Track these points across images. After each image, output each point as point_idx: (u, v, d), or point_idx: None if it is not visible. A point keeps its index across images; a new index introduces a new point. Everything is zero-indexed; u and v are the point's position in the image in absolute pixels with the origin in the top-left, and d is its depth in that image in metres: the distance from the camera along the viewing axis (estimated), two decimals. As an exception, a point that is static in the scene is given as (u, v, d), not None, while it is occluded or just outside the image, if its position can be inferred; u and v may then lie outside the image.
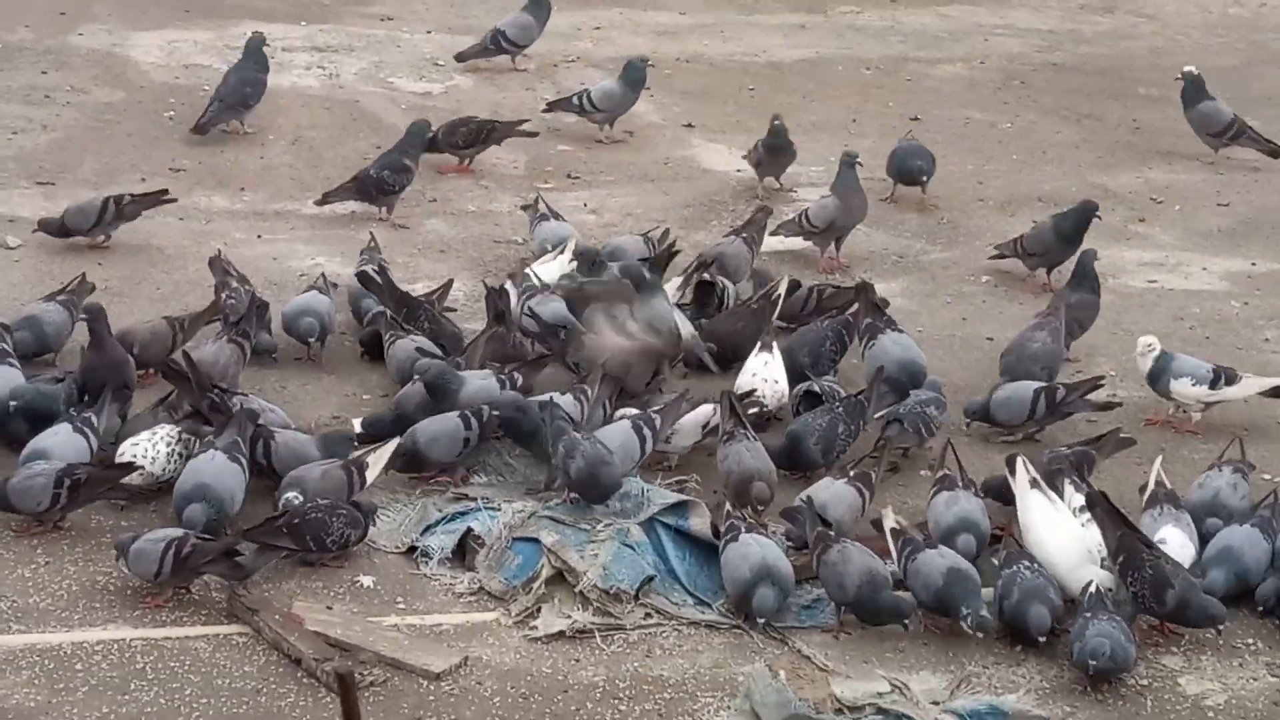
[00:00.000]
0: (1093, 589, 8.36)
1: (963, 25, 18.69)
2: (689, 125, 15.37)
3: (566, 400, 9.80)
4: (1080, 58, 17.87)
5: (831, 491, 9.21)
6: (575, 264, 11.19)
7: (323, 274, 11.40)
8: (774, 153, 13.64)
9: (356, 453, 9.33)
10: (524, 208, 12.64)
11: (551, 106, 14.92)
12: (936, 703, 8.06)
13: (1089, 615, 8.23)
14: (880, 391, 10.06)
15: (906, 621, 8.54)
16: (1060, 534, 8.86)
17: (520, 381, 10.12)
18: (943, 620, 8.56)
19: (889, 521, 8.90)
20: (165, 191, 12.44)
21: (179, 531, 8.49)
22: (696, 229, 12.97)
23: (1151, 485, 9.31)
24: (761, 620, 8.50)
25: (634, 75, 14.72)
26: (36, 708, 7.84)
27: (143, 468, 9.18)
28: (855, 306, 10.84)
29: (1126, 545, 8.57)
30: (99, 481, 9.00)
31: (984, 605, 8.45)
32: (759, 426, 9.87)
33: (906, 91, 16.60)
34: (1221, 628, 8.51)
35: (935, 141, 15.22)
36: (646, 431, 9.60)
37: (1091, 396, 10.36)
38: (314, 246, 12.52)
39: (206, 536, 8.48)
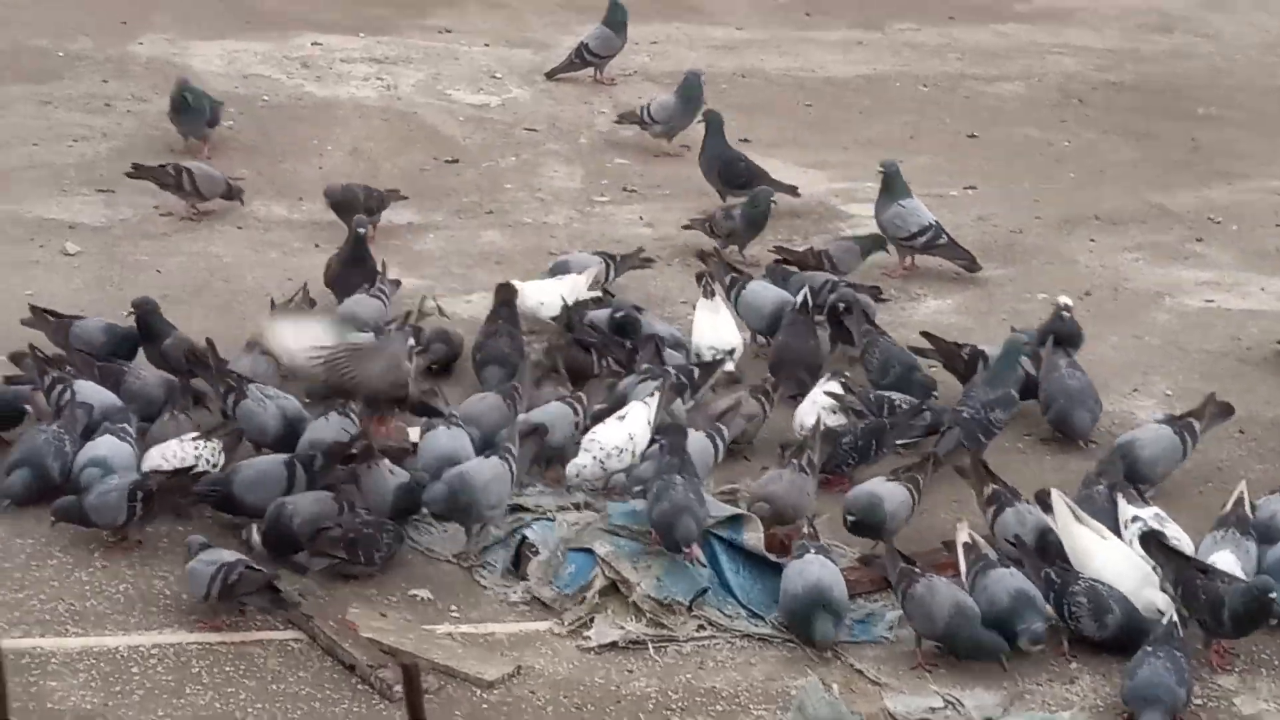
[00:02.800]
0: (1168, 620, 8.29)
1: (1020, 43, 18.64)
2: (745, 140, 15.34)
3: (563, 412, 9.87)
4: (1139, 77, 17.80)
5: (888, 488, 9.22)
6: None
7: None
8: (753, 226, 12.80)
9: None
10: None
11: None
12: (989, 719, 8.03)
13: (1150, 650, 8.14)
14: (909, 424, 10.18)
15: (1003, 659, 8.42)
16: (1115, 562, 8.83)
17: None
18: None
19: (962, 536, 8.86)
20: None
21: (232, 556, 8.50)
22: (753, 243, 12.96)
23: (1229, 506, 9.21)
24: (826, 651, 8.50)
25: (691, 89, 14.77)
26: (93, 710, 7.89)
27: (207, 470, 9.26)
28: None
29: (1184, 577, 8.55)
30: (170, 491, 9.05)
31: (1042, 623, 8.41)
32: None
33: (963, 109, 16.57)
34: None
35: (992, 159, 15.24)
36: (718, 440, 9.71)
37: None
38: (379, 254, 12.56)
39: (255, 567, 8.49)
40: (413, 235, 12.94)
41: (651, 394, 9.85)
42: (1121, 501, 9.24)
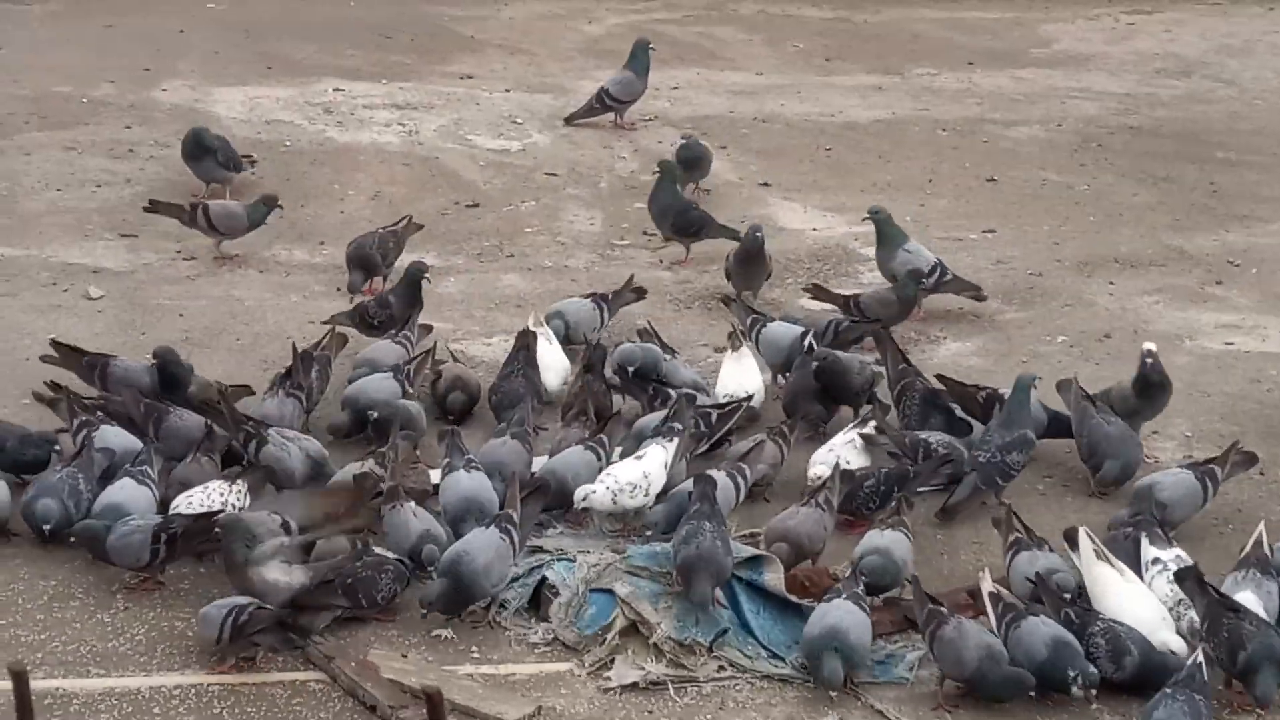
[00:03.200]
0: (1193, 662, 8.25)
1: (1039, 88, 18.70)
2: (765, 184, 15.44)
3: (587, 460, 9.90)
4: (1157, 121, 17.85)
5: (889, 539, 9.22)
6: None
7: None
8: (745, 264, 12.72)
9: None
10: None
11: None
12: (1009, 759, 8.05)
13: (1170, 692, 8.10)
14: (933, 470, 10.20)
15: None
16: (1134, 602, 8.84)
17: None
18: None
19: (987, 586, 8.86)
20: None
21: (244, 600, 8.54)
22: (773, 287, 13.00)
23: (1249, 547, 9.20)
24: (833, 691, 8.50)
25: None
26: (115, 750, 7.93)
27: (227, 508, 9.30)
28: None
29: (1211, 612, 8.56)
30: (194, 534, 9.08)
31: (1089, 666, 8.41)
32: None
33: (983, 153, 16.62)
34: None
35: (1011, 202, 15.27)
36: (739, 480, 9.78)
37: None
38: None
39: (264, 606, 8.52)
40: (434, 278, 12.94)
41: (670, 438, 9.87)
42: (1145, 542, 9.25)
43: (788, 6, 21.62)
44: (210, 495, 9.41)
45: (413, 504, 9.31)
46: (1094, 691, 8.36)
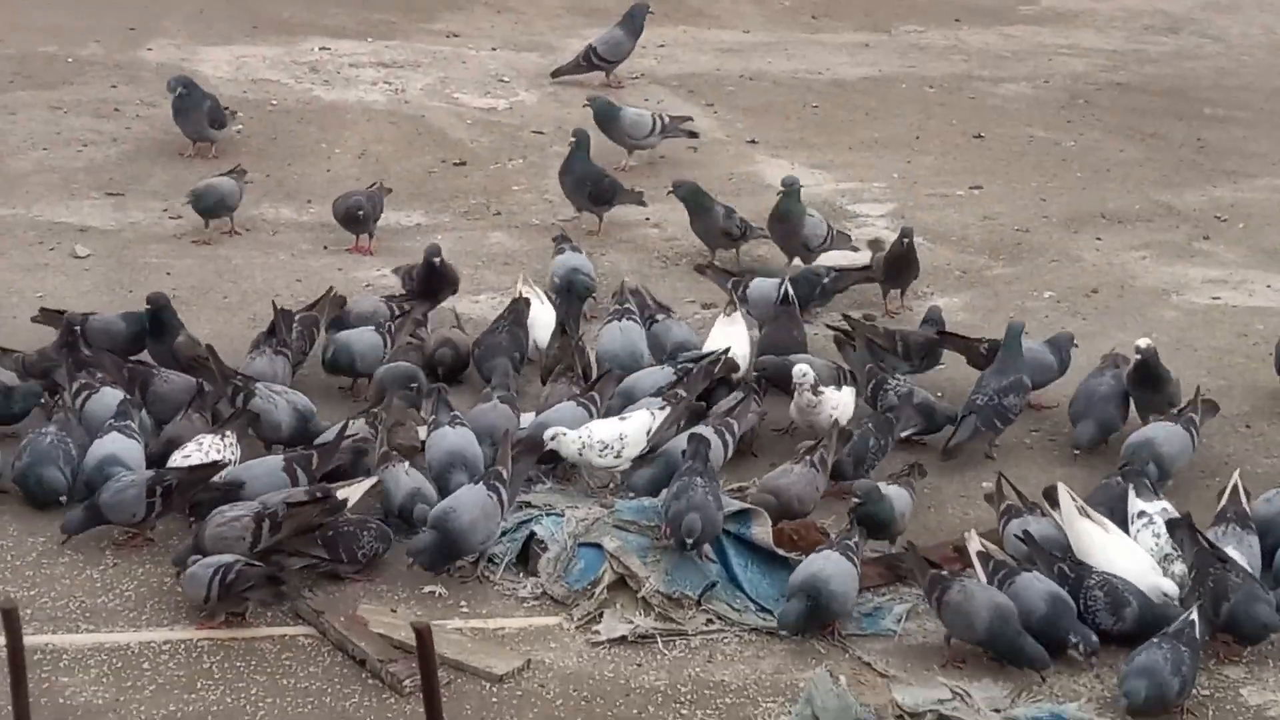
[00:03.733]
0: (1185, 618, 8.29)
1: (1026, 45, 18.67)
2: (752, 141, 15.41)
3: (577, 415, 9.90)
4: (1145, 77, 17.82)
5: (892, 491, 9.26)
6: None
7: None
8: (895, 265, 12.06)
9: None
10: (554, 239, 12.46)
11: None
12: (998, 710, 8.07)
13: (1157, 641, 8.15)
14: (908, 415, 10.18)
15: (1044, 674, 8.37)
16: (1121, 556, 8.87)
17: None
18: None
19: (974, 545, 8.88)
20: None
21: (229, 557, 8.53)
22: (761, 243, 12.99)
23: (1224, 500, 9.24)
24: (783, 632, 8.57)
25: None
26: (104, 705, 7.94)
27: (230, 462, 9.33)
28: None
29: (1200, 560, 8.60)
30: (189, 485, 9.09)
31: (1090, 633, 8.42)
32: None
33: (969, 109, 16.60)
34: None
35: (998, 159, 15.27)
36: (728, 437, 9.78)
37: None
38: (380, 258, 12.61)
39: (253, 563, 8.52)
40: (421, 237, 12.97)
41: (662, 406, 9.86)
42: (1131, 494, 9.26)
43: (775, -36, 21.59)
44: (205, 449, 9.41)
45: (405, 464, 9.32)
46: (1095, 658, 8.38)
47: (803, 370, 10.15)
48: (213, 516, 8.81)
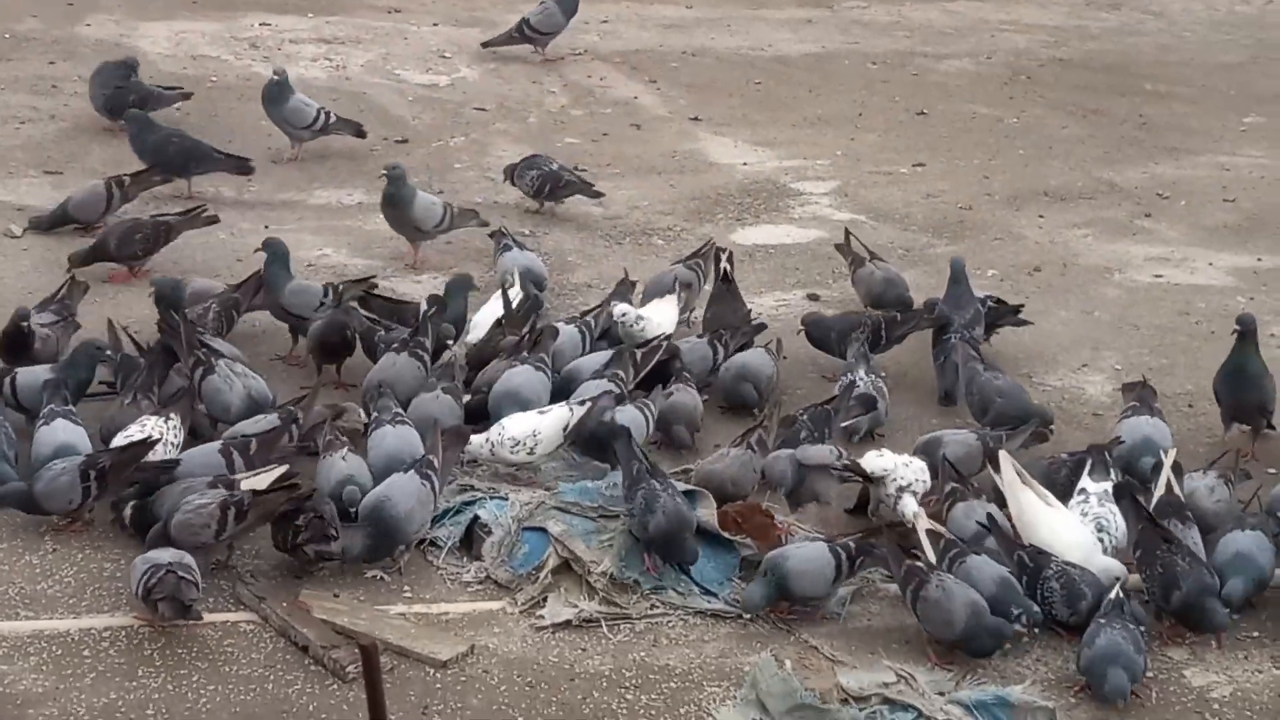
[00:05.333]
0: (1114, 595, 8.30)
1: (969, 21, 18.70)
2: (695, 118, 15.39)
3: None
4: (1087, 54, 17.87)
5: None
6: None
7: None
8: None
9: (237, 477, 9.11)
10: (491, 234, 12.29)
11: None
12: (942, 693, 8.06)
13: (1103, 621, 8.15)
14: (849, 405, 10.15)
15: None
16: (1064, 530, 8.88)
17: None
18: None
19: (924, 524, 8.88)
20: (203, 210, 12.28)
21: (169, 558, 8.26)
22: (704, 222, 12.98)
23: (1159, 491, 9.17)
24: (747, 615, 8.59)
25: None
26: (44, 693, 7.86)
27: (161, 438, 9.24)
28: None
29: (1145, 539, 8.58)
30: (123, 465, 9.01)
31: (1032, 605, 8.45)
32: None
33: (912, 86, 16.61)
34: (1222, 637, 8.51)
35: (941, 135, 15.27)
36: (647, 412, 9.81)
37: None
38: (321, 237, 12.54)
39: (176, 571, 8.15)
40: (362, 216, 12.90)
41: (582, 402, 9.79)
42: (1085, 472, 9.25)
43: (717, -61, 21.54)
44: (148, 430, 9.32)
45: (345, 449, 9.23)
46: (1036, 630, 8.40)
47: (621, 310, 10.61)
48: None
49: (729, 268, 11.29)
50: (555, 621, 8.48)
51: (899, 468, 9.24)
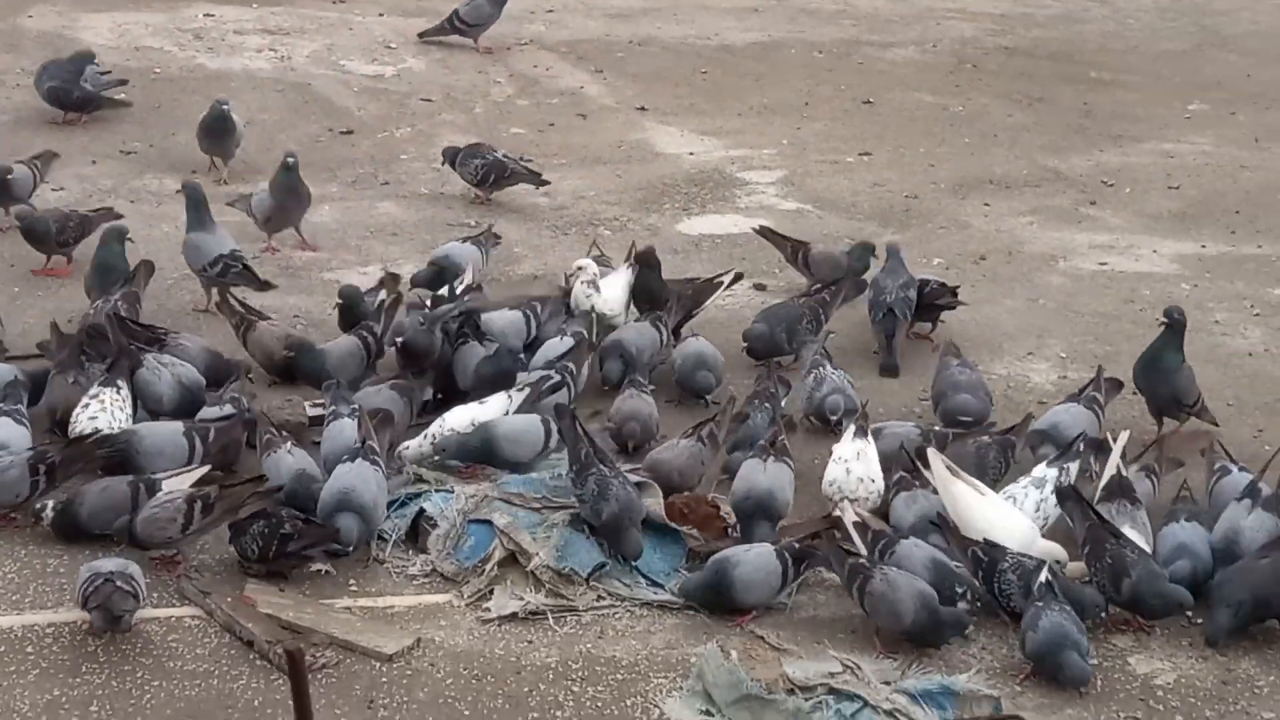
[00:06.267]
0: (1043, 579, 8.34)
1: (915, 9, 18.73)
2: (642, 108, 15.39)
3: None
4: (1032, 41, 17.92)
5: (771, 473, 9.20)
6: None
7: None
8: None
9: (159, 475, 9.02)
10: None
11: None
12: (888, 683, 8.05)
13: (1040, 605, 8.17)
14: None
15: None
16: (999, 519, 8.89)
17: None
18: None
19: (849, 516, 8.89)
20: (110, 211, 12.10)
21: (111, 567, 8.13)
22: (650, 211, 12.98)
23: (1108, 474, 9.18)
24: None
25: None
26: (-13, 691, 7.83)
27: (108, 433, 9.20)
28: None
29: (1092, 535, 8.60)
30: (73, 459, 8.96)
31: (973, 580, 8.50)
32: None
33: (858, 75, 16.63)
34: (1189, 613, 8.55)
35: (887, 124, 15.30)
36: (569, 378, 10.02)
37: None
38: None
39: (113, 580, 8.04)
40: (310, 207, 12.84)
41: (520, 388, 9.80)
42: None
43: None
44: (105, 404, 9.34)
45: (289, 444, 9.20)
46: (979, 603, 8.44)
47: (585, 263, 10.90)
48: (146, 502, 8.64)
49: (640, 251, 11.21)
50: (501, 614, 8.46)
51: (851, 482, 9.25)
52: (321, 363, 10.14)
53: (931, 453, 9.12)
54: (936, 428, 9.84)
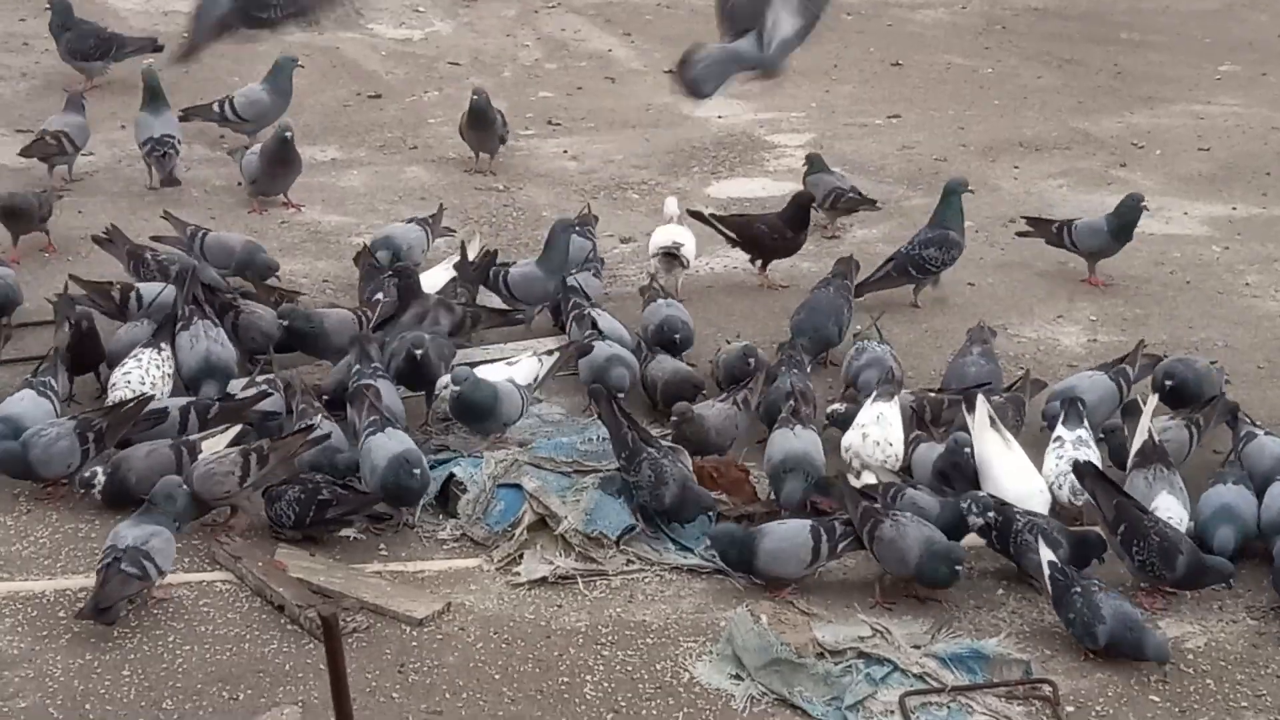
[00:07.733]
0: (1051, 557, 8.28)
1: (944, -31, 18.65)
2: (670, 71, 15.29)
3: None
4: (1061, 2, 17.84)
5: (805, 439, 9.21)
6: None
7: None
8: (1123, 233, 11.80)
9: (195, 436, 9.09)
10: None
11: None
12: (918, 646, 8.06)
13: (1081, 591, 8.07)
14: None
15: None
16: (1013, 477, 8.89)
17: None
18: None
19: (868, 478, 8.92)
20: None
21: (125, 544, 8.02)
22: (679, 175, 12.95)
23: (1139, 440, 9.08)
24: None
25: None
26: (20, 655, 7.84)
27: (154, 397, 9.24)
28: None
29: (1127, 516, 8.49)
30: (119, 424, 8.99)
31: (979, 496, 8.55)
32: None
33: (887, 37, 16.58)
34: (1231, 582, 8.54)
35: (916, 87, 15.25)
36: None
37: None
38: (295, 194, 12.48)
39: (120, 565, 8.02)
40: (336, 172, 12.86)
41: (549, 351, 9.82)
42: (1060, 424, 9.26)
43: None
44: (144, 364, 9.41)
45: (320, 416, 9.19)
46: (991, 514, 8.45)
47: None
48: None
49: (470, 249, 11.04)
50: (531, 578, 8.48)
51: (868, 447, 9.25)
52: (320, 330, 10.11)
53: (980, 399, 9.12)
54: (931, 394, 9.78)
